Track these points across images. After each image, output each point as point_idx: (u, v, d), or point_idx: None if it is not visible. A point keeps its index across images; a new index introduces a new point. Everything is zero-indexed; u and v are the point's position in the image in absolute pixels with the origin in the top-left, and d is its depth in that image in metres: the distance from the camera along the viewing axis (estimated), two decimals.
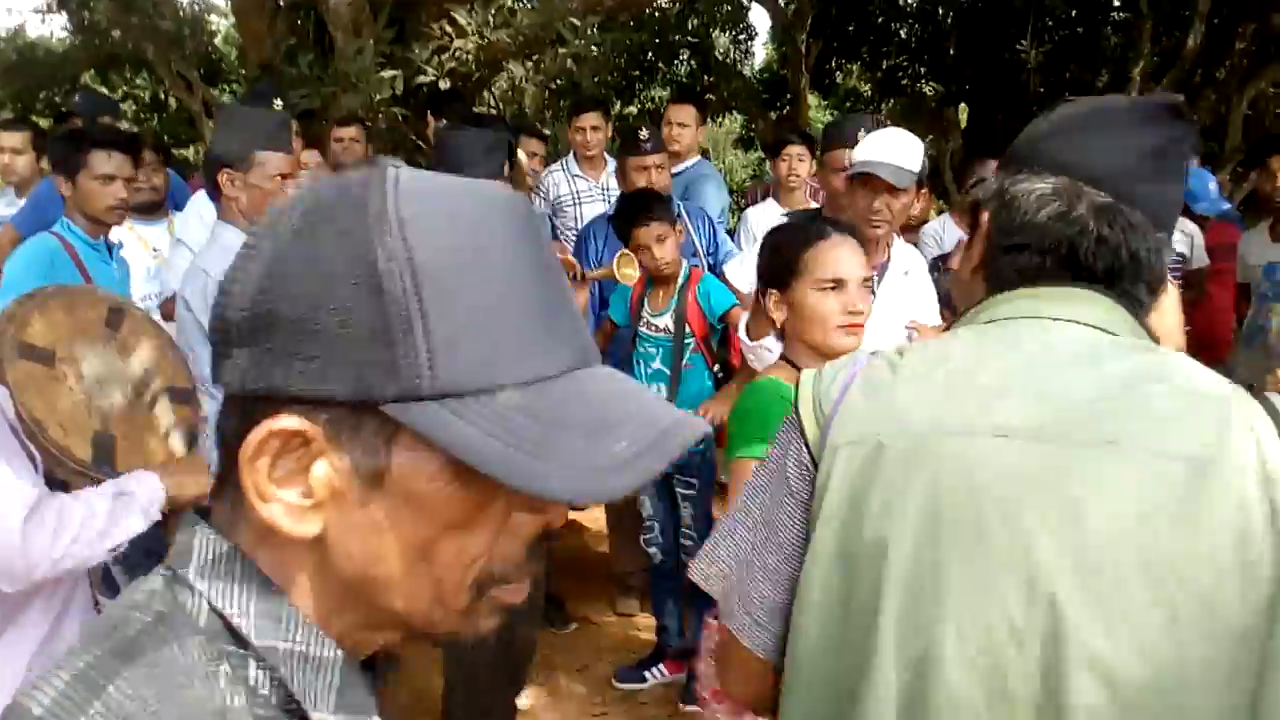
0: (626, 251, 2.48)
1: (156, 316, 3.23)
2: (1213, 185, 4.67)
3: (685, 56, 13.05)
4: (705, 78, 13.25)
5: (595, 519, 4.69)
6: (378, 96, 5.71)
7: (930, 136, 13.56)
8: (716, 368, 3.13)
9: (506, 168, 2.69)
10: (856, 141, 3.01)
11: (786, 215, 3.29)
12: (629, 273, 2.44)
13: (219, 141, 2.38)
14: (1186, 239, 4.03)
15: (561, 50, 5.84)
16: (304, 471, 0.53)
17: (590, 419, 0.53)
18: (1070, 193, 0.96)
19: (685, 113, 4.41)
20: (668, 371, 3.13)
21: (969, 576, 0.86)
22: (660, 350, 3.14)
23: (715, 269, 3.64)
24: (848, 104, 15.10)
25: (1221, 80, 7.79)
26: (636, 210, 2.99)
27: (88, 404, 1.55)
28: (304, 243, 0.52)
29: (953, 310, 3.01)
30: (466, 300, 0.51)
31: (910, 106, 13.43)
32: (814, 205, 4.45)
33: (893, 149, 2.56)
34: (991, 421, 0.89)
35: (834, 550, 0.94)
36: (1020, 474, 0.87)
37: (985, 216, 1.04)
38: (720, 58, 13.38)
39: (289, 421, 0.51)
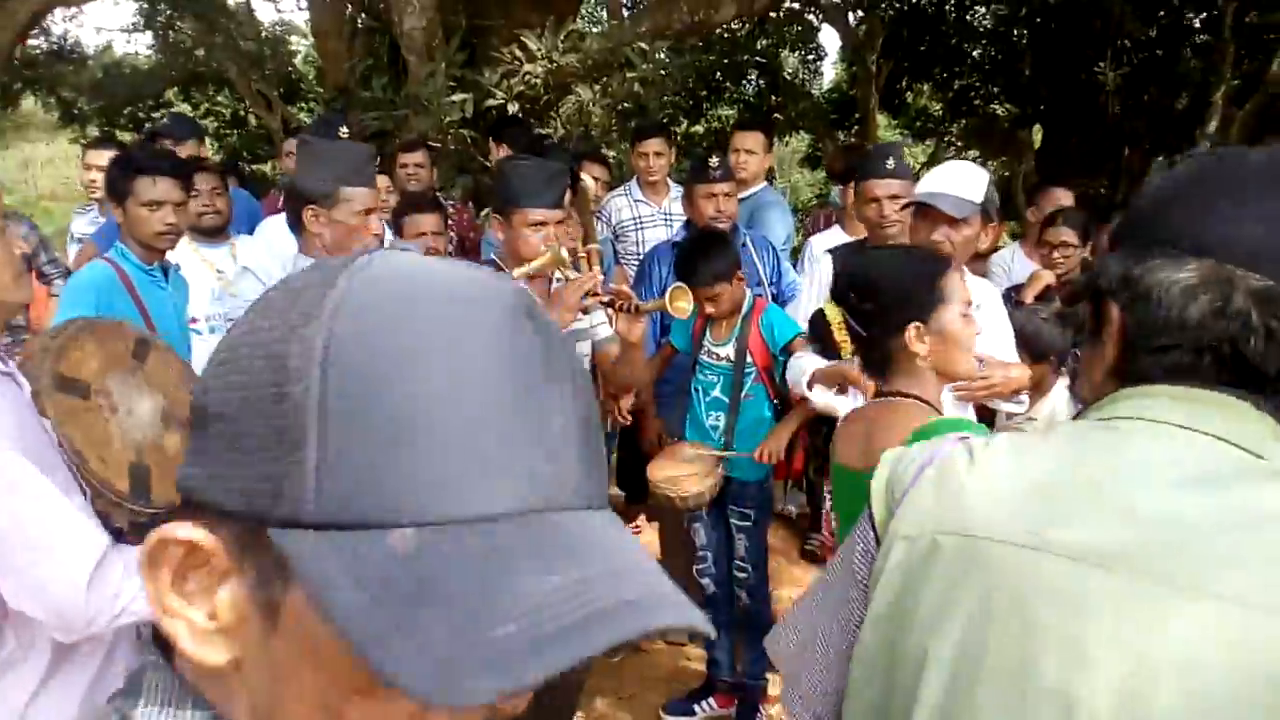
0: (681, 285, 2.47)
1: (215, 337, 3.33)
2: None
3: (754, 76, 13.05)
4: (773, 97, 13.23)
5: (648, 543, 4.68)
6: (447, 119, 5.80)
7: (1003, 158, 13.36)
8: (776, 400, 3.09)
9: (568, 196, 2.70)
10: (888, 171, 3.00)
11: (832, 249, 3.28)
12: (683, 305, 2.43)
13: (303, 176, 2.37)
14: None
15: (630, 74, 5.88)
16: (211, 591, 0.46)
17: (481, 587, 0.40)
18: (1221, 279, 0.79)
19: (752, 139, 4.40)
20: (726, 400, 3.11)
21: (1005, 709, 0.78)
22: (721, 379, 3.13)
23: (778, 297, 3.62)
24: (918, 124, 14.94)
25: None
26: (695, 266, 2.98)
27: (122, 436, 1.56)
28: (249, 330, 0.47)
29: (1026, 347, 2.95)
30: (387, 413, 0.42)
31: (982, 127, 13.23)
32: None
33: (954, 180, 2.51)
34: (1062, 537, 0.78)
35: (876, 654, 0.88)
36: (1080, 604, 0.76)
37: (1115, 312, 0.86)
38: (789, 77, 13.36)
39: (184, 531, 0.45)
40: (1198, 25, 9.76)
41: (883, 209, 3.06)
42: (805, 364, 2.62)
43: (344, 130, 3.36)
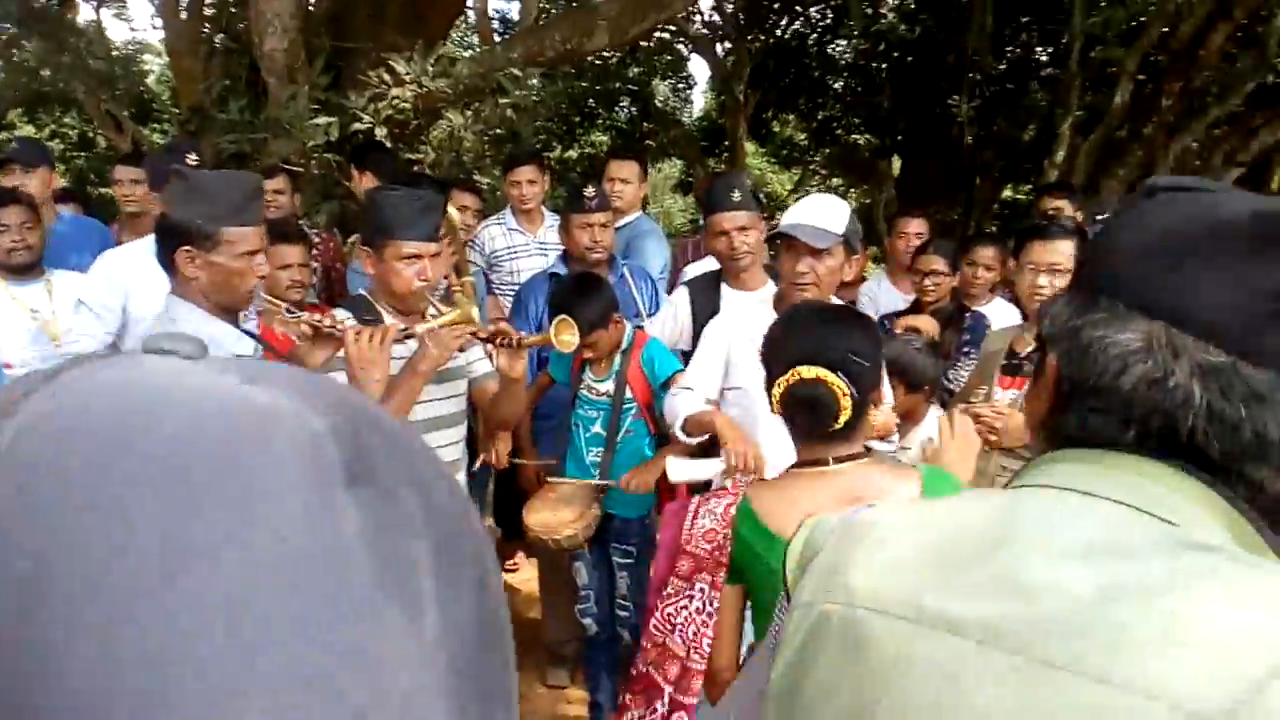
0: (565, 317, 2.40)
1: None
2: None
3: (625, 103, 13.16)
4: (645, 124, 13.39)
5: (526, 580, 4.57)
6: (310, 143, 5.59)
7: (864, 186, 13.89)
8: (658, 436, 3.06)
9: (441, 229, 2.60)
10: (734, 203, 3.06)
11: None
12: (567, 339, 2.36)
13: (179, 213, 2.09)
14: None
15: (502, 100, 5.80)
16: None
17: None
18: (1167, 347, 0.70)
19: (627, 168, 4.38)
20: (606, 436, 3.06)
21: None
22: (601, 414, 3.07)
23: None
24: (784, 152, 15.39)
25: (1148, 136, 8.05)
26: (570, 313, 2.90)
27: None
28: None
29: (900, 377, 3.02)
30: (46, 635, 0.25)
31: (844, 156, 13.73)
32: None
33: (815, 211, 2.54)
34: (944, 609, 0.72)
35: None
36: (959, 686, 0.68)
37: (1052, 361, 0.78)
38: (660, 105, 13.54)
39: None
40: (1045, 59, 10.37)
41: (732, 241, 3.08)
42: (679, 404, 2.59)
43: (192, 158, 3.13)
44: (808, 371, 1.62)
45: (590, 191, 3.54)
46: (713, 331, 2.72)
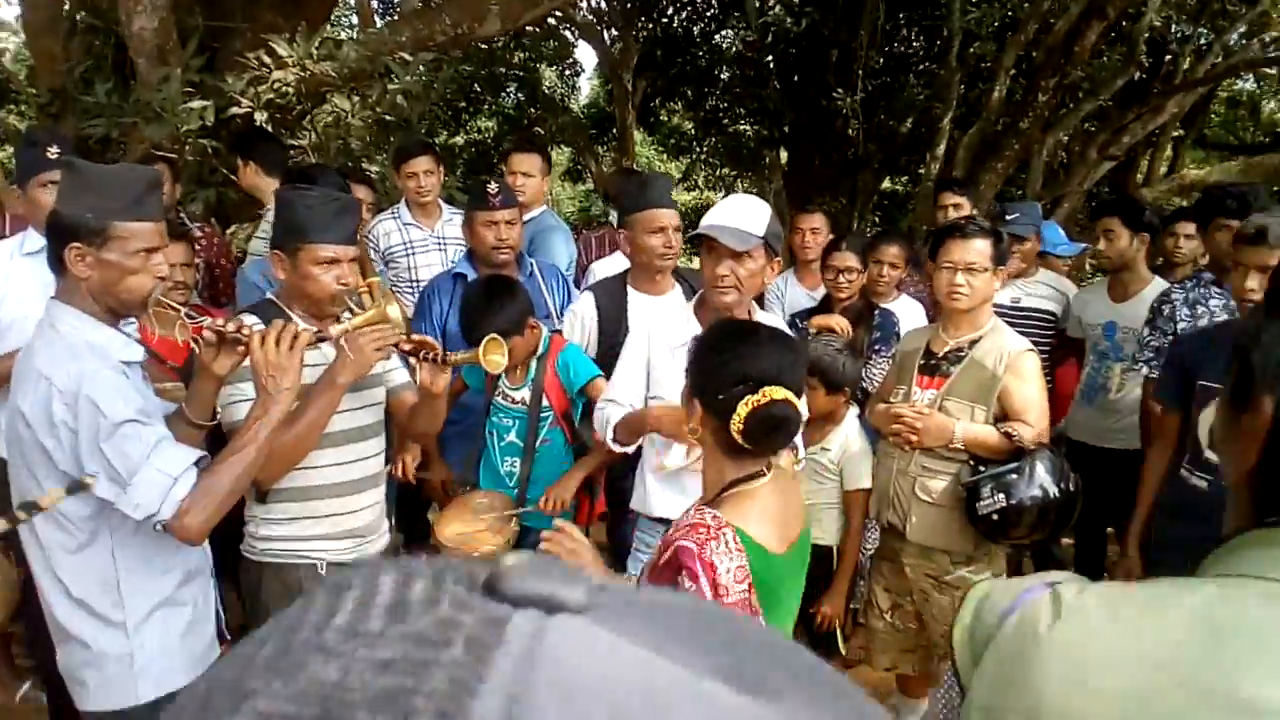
0: (496, 336, 2.28)
1: None
2: (1061, 231, 4.87)
3: (512, 89, 12.91)
4: (532, 110, 13.16)
5: None
6: (184, 128, 5.23)
7: (751, 175, 14.03)
8: (574, 444, 2.96)
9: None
10: (670, 202, 3.08)
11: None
12: (496, 359, 2.24)
13: (67, 207, 1.90)
14: (1060, 297, 4.05)
15: (391, 86, 5.55)
16: None
17: None
18: None
19: (529, 161, 4.24)
20: (522, 445, 2.95)
21: None
22: (516, 423, 2.95)
23: None
24: (671, 141, 15.40)
25: (1024, 130, 8.34)
26: (481, 319, 2.77)
27: None
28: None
29: (821, 379, 3.00)
30: None
31: (731, 146, 13.82)
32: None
33: (736, 213, 2.50)
34: None
35: None
36: None
37: (1267, 406, 0.66)
38: (548, 91, 13.33)
39: None
40: (923, 55, 10.65)
41: (669, 239, 3.05)
42: (609, 414, 2.51)
43: (53, 150, 2.83)
44: (778, 393, 1.60)
45: (494, 187, 3.39)
46: (633, 341, 2.64)
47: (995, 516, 2.64)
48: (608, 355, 2.90)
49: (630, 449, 2.52)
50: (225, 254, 4.30)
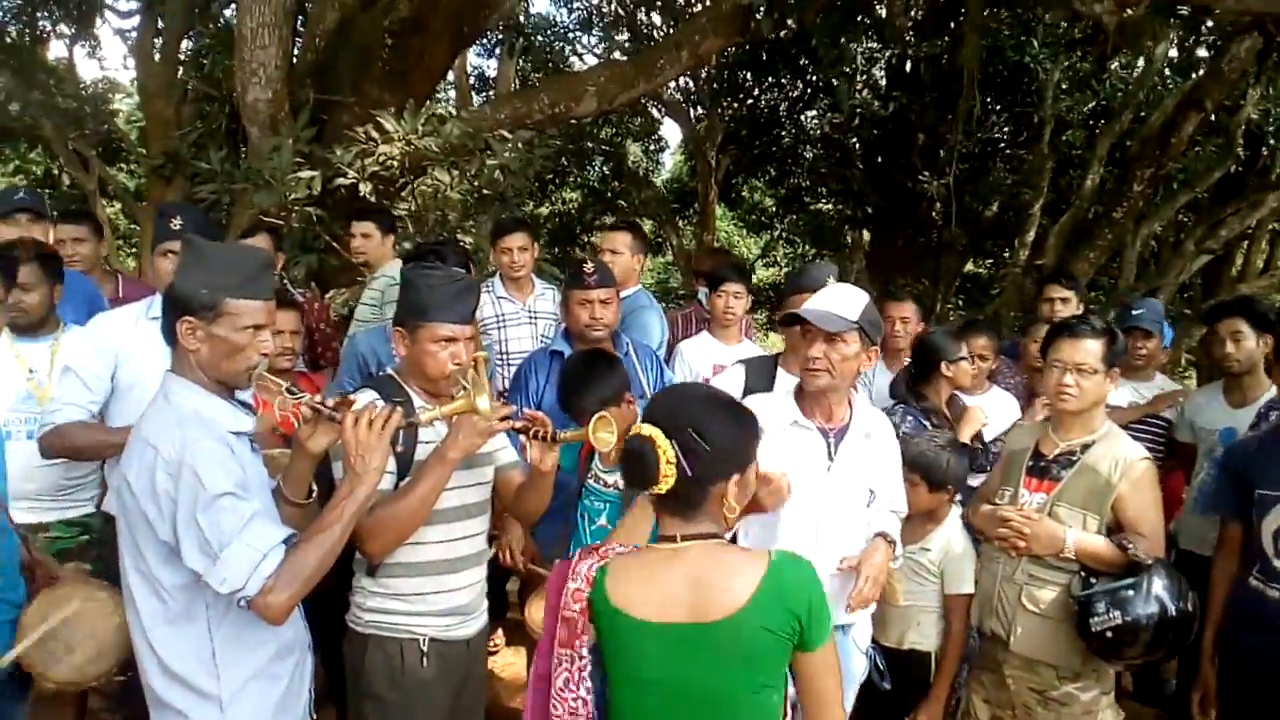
0: (605, 414, 2.26)
1: (29, 443, 2.88)
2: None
3: (598, 163, 13.18)
4: (616, 184, 13.40)
5: (508, 665, 4.36)
6: (292, 196, 5.44)
7: (831, 255, 14.01)
8: None
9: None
10: (823, 285, 2.95)
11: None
12: (605, 437, 2.21)
13: (183, 282, 1.96)
14: (1176, 407, 3.96)
15: (490, 161, 5.70)
16: None
17: None
18: None
19: (619, 239, 4.28)
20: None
21: None
22: (608, 507, 2.92)
23: None
24: (751, 216, 15.51)
25: (1118, 220, 8.17)
26: (580, 390, 2.80)
27: None
28: None
29: (924, 476, 2.91)
30: None
31: (811, 224, 13.86)
32: (747, 342, 4.37)
33: (831, 299, 2.52)
34: None
35: None
36: None
37: None
38: (632, 166, 13.57)
39: None
40: (1012, 140, 10.58)
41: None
42: None
43: (176, 222, 2.94)
44: (645, 430, 1.68)
45: (590, 266, 3.43)
46: None
47: (1109, 634, 2.50)
48: None
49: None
50: (325, 318, 4.41)
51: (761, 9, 6.35)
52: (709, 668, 1.63)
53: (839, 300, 2.49)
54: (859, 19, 8.94)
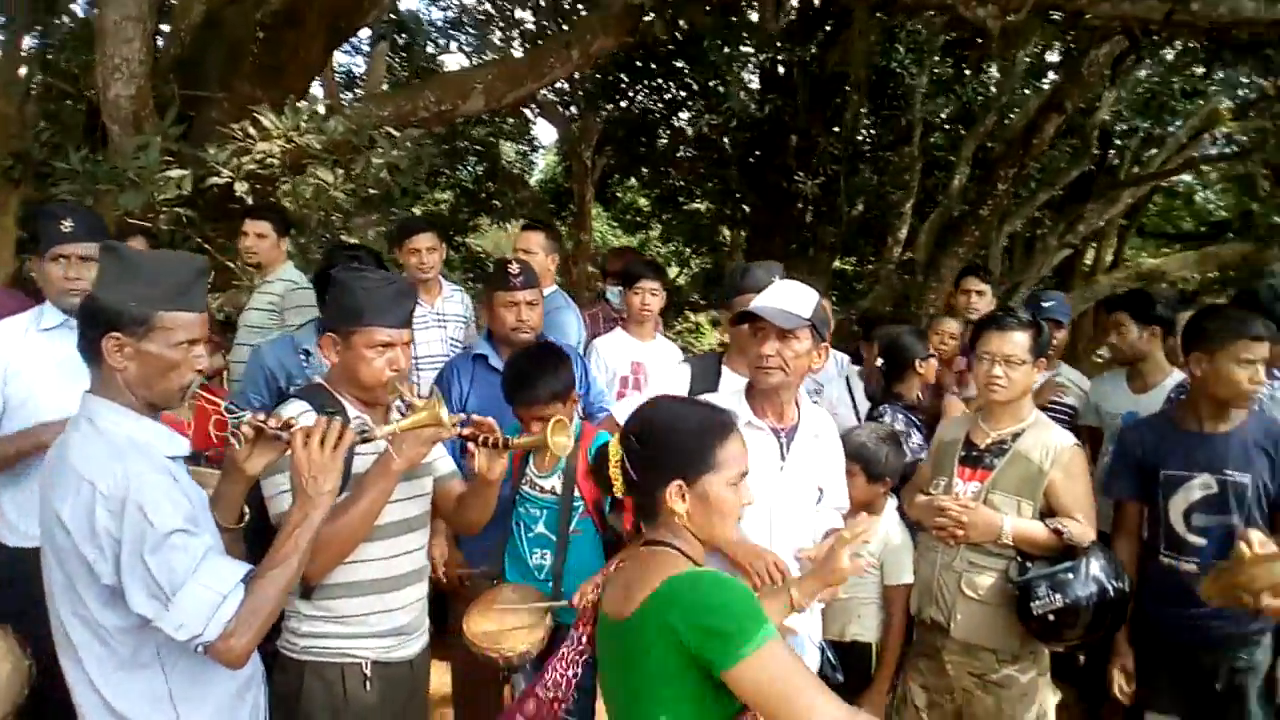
0: (562, 418, 2.17)
1: None
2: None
3: (471, 163, 12.92)
4: (490, 184, 13.16)
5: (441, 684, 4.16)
6: (161, 196, 5.07)
7: (706, 251, 14.21)
8: (607, 537, 2.83)
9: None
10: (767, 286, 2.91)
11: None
12: (563, 441, 2.12)
13: (108, 294, 1.77)
14: (1080, 391, 4.11)
15: (375, 160, 5.46)
16: None
17: None
18: None
19: (534, 239, 4.18)
20: (553, 537, 2.81)
21: None
22: (545, 513, 2.82)
23: (587, 409, 3.40)
24: (627, 216, 15.55)
25: (984, 216, 8.55)
26: (530, 384, 2.71)
27: None
28: None
29: (865, 468, 2.92)
30: None
31: (686, 223, 14.01)
32: (661, 338, 4.34)
33: (783, 296, 2.49)
34: None
35: None
36: None
37: None
38: (506, 166, 13.37)
39: None
40: (881, 143, 10.94)
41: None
42: None
43: (67, 224, 2.66)
44: (614, 449, 1.75)
45: (515, 268, 3.32)
46: None
47: (1051, 617, 2.57)
48: None
49: None
50: (210, 325, 4.12)
51: (653, 11, 6.32)
52: (621, 665, 1.67)
53: (790, 297, 2.45)
54: (732, 20, 9.06)
